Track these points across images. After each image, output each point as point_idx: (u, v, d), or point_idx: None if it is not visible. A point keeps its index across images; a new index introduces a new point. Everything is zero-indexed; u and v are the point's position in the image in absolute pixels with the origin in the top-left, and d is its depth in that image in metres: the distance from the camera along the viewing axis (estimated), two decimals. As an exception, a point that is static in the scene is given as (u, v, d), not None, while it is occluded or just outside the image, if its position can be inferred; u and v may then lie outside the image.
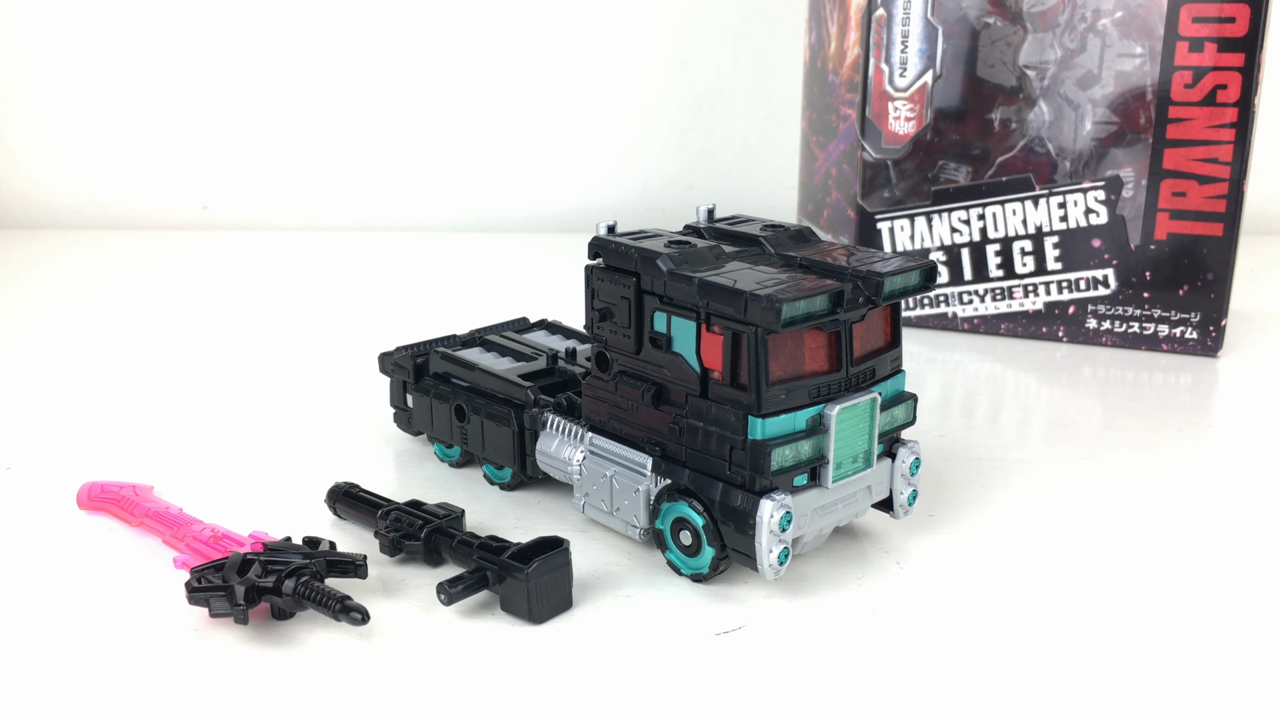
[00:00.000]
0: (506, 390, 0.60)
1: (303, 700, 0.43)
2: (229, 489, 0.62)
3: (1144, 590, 0.52)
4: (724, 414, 0.49)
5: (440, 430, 0.63)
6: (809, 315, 0.47)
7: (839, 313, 0.48)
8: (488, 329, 0.69)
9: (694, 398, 0.50)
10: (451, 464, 0.64)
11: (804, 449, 0.49)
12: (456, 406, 0.61)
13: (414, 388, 0.64)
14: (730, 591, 0.51)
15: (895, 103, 0.88)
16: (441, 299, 1.04)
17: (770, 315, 0.45)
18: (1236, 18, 0.79)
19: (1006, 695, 0.44)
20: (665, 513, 0.52)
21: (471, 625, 0.48)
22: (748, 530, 0.48)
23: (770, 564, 0.48)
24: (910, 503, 0.55)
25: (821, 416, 0.49)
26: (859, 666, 0.46)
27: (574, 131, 1.37)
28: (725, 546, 0.50)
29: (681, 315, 0.49)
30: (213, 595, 0.47)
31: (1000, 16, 0.84)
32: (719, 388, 0.49)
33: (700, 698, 0.44)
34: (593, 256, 0.53)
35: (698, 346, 0.49)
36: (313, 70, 1.34)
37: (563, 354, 0.64)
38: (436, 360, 0.64)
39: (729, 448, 0.49)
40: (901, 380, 0.54)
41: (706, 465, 0.50)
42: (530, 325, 0.71)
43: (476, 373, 0.61)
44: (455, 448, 0.64)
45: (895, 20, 0.85)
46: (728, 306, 0.47)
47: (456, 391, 0.62)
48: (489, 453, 0.60)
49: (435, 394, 0.63)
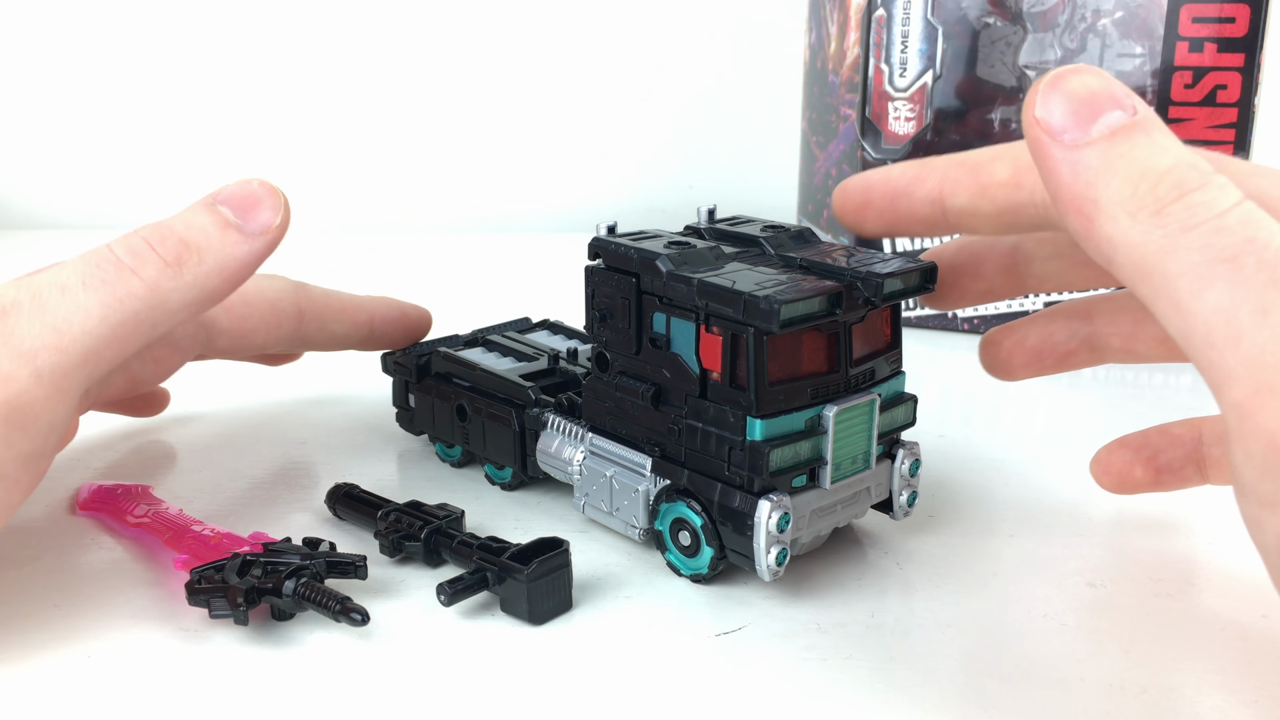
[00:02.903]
0: (508, 390, 0.60)
1: (303, 700, 0.43)
2: (229, 489, 0.62)
3: (1144, 590, 0.52)
4: (722, 414, 0.48)
5: (442, 430, 0.63)
6: (808, 316, 0.47)
7: (838, 314, 0.48)
8: (490, 329, 0.69)
9: (693, 398, 0.50)
10: (453, 464, 0.64)
11: (802, 450, 0.48)
12: (458, 406, 0.61)
13: (416, 387, 0.64)
14: (730, 592, 0.51)
15: (895, 103, 0.87)
16: (446, 299, 1.04)
17: (768, 316, 0.45)
18: (1236, 18, 0.79)
19: (1007, 695, 0.44)
20: (664, 513, 0.52)
21: (471, 626, 0.48)
22: (746, 531, 0.48)
23: (768, 565, 0.48)
24: (910, 504, 0.55)
25: (820, 417, 0.49)
26: (859, 667, 0.46)
27: (574, 132, 1.36)
28: (724, 547, 0.50)
29: (681, 316, 0.49)
30: (213, 596, 0.47)
31: (1000, 16, 0.84)
32: (718, 388, 0.49)
33: (700, 698, 0.44)
34: (593, 257, 0.53)
35: (697, 347, 0.49)
36: (325, 75, 1.34)
37: (564, 354, 0.64)
38: (438, 360, 0.64)
39: (727, 448, 0.48)
40: (901, 381, 0.54)
41: (705, 466, 0.50)
42: (532, 325, 0.71)
43: (478, 373, 0.61)
44: (456, 447, 0.64)
45: (895, 20, 0.85)
46: (726, 307, 0.47)
47: (458, 391, 0.62)
48: (490, 452, 0.60)
49: (437, 394, 0.63)
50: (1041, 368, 0.53)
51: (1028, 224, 0.45)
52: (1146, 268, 0.35)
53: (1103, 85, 0.37)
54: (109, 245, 0.48)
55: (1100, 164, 0.36)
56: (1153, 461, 0.53)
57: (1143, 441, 0.54)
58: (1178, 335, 0.36)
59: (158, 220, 0.49)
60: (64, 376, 0.45)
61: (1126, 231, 0.36)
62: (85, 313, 0.45)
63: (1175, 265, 0.35)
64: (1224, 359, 0.34)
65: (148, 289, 0.47)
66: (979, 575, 0.53)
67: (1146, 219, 0.35)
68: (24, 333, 0.44)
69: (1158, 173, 0.36)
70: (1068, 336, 0.52)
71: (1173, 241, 0.35)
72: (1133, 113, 0.37)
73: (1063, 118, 0.37)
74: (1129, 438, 0.54)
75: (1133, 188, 0.36)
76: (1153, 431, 0.54)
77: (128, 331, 0.47)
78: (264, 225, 0.50)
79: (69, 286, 0.46)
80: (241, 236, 0.49)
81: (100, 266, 0.47)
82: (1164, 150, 0.36)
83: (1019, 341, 0.53)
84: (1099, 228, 0.36)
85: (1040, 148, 0.38)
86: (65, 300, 0.45)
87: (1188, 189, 0.35)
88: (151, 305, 0.47)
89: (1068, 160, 0.37)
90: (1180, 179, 0.35)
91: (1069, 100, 0.37)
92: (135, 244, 0.48)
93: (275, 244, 0.50)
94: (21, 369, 0.44)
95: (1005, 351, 0.54)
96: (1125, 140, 0.37)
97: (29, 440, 0.45)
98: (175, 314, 0.48)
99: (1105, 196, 0.36)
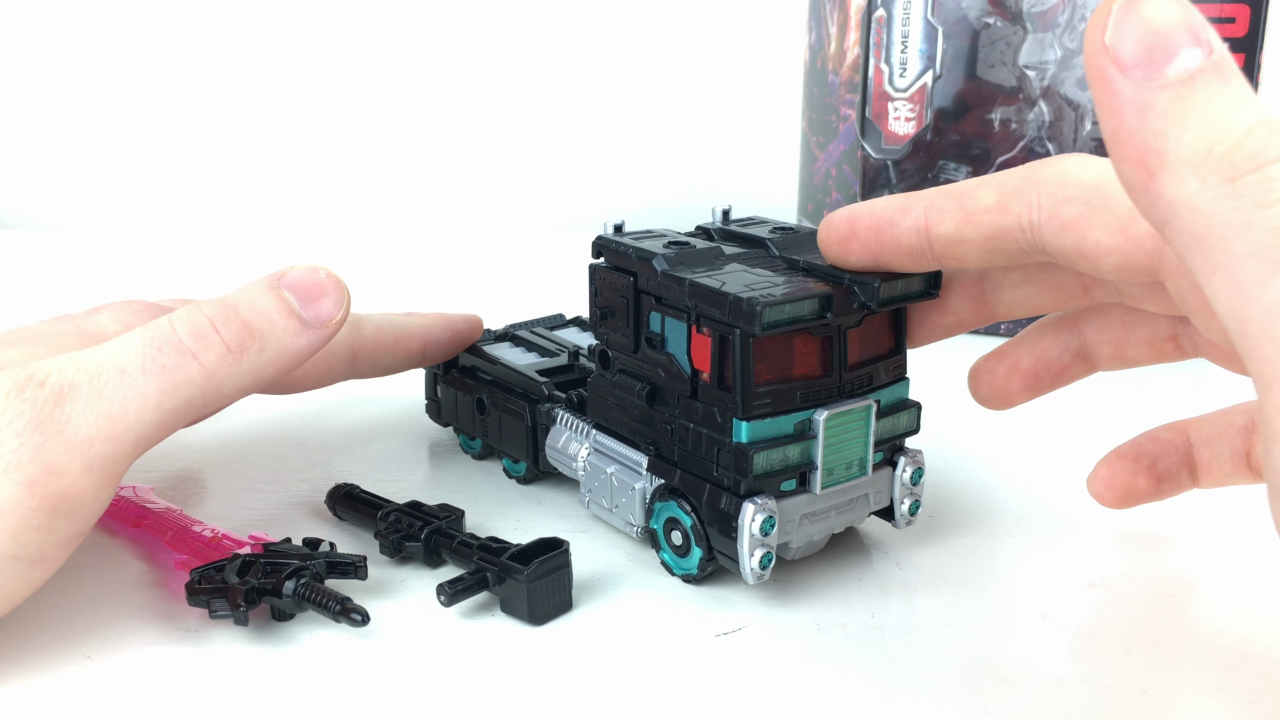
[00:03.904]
0: (524, 385, 0.61)
1: (303, 700, 0.43)
2: (229, 490, 0.62)
3: (1144, 590, 0.52)
4: (710, 415, 0.48)
5: (464, 422, 0.64)
6: (795, 319, 0.46)
7: (828, 317, 0.47)
8: (522, 324, 0.70)
9: (685, 398, 0.49)
10: (474, 455, 0.65)
11: (791, 454, 0.48)
12: (478, 399, 0.62)
13: (443, 380, 0.66)
14: (730, 593, 0.51)
15: (895, 103, 0.87)
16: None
17: (751, 318, 0.45)
18: (1236, 18, 0.79)
19: (1007, 695, 0.44)
20: (658, 512, 0.52)
21: (471, 625, 0.48)
22: (730, 533, 0.48)
23: (751, 568, 0.48)
24: (912, 513, 0.54)
25: (810, 421, 0.48)
26: (859, 667, 0.46)
27: (574, 132, 1.36)
28: (712, 548, 0.50)
29: (674, 316, 0.49)
30: (213, 596, 0.47)
31: (1000, 16, 0.84)
32: (707, 389, 0.49)
33: (700, 699, 0.44)
34: (595, 255, 0.53)
35: (688, 347, 0.49)
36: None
37: (585, 350, 0.64)
38: (464, 354, 0.65)
39: (716, 449, 0.48)
40: (904, 387, 0.53)
41: (696, 466, 0.50)
42: (564, 322, 0.72)
43: (498, 367, 0.62)
44: (477, 440, 0.65)
45: (895, 20, 0.85)
46: (714, 308, 0.47)
47: (480, 385, 0.63)
48: (506, 445, 0.61)
49: (461, 387, 0.64)
50: (1039, 388, 0.52)
51: (1014, 250, 0.44)
52: (1210, 239, 0.32)
53: (1181, 16, 0.33)
54: (172, 323, 0.47)
55: (1173, 111, 0.32)
56: (1153, 469, 0.52)
57: (1138, 451, 0.53)
58: (1229, 317, 0.32)
59: (222, 297, 0.48)
60: (114, 465, 0.44)
61: (1194, 196, 0.32)
62: (141, 400, 0.45)
63: (1243, 245, 0.31)
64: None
65: (205, 376, 0.46)
66: (979, 576, 0.53)
67: (1218, 185, 0.32)
68: (80, 421, 0.43)
69: (1238, 134, 0.32)
70: (1060, 350, 0.51)
71: (1245, 217, 0.31)
72: (1209, 51, 0.32)
73: (1135, 50, 0.33)
74: (1123, 448, 0.53)
75: (1207, 147, 0.32)
76: (1143, 439, 0.53)
77: (179, 416, 0.46)
78: (326, 317, 0.49)
79: (129, 371, 0.45)
80: (302, 327, 0.49)
81: (162, 350, 0.46)
82: (1243, 105, 0.32)
83: (1013, 365, 0.52)
84: (1161, 184, 0.33)
85: (1105, 82, 0.33)
86: (124, 386, 0.44)
87: (1267, 159, 0.31)
88: (205, 392, 0.46)
89: (1136, 101, 0.33)
90: (1261, 146, 0.31)
91: (1146, 30, 0.33)
92: (200, 325, 0.47)
93: (332, 336, 0.50)
94: (74, 461, 0.43)
95: (1001, 379, 0.52)
96: (1205, 88, 0.32)
97: (72, 526, 0.44)
98: (225, 399, 0.48)
99: (1174, 151, 0.32)
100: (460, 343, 0.65)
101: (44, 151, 1.37)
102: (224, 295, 0.49)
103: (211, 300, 0.48)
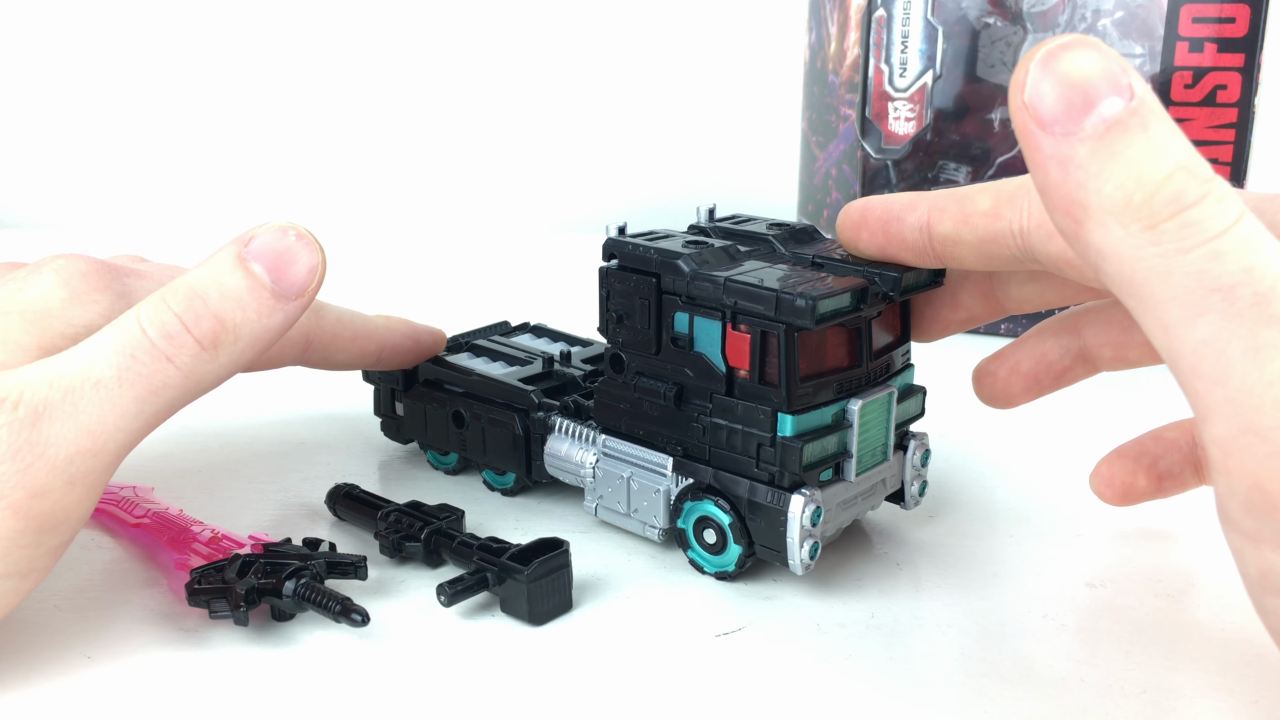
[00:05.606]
0: (507, 395, 0.59)
1: (303, 700, 0.43)
2: (229, 489, 0.62)
3: (1144, 590, 0.52)
4: (751, 412, 0.49)
5: (435, 438, 0.62)
6: (838, 312, 0.47)
7: (863, 309, 0.48)
8: (471, 334, 0.68)
9: (719, 396, 0.50)
10: (447, 471, 0.64)
11: (830, 444, 0.49)
12: (454, 413, 0.61)
13: (405, 395, 0.63)
14: (730, 593, 0.51)
15: (895, 103, 0.87)
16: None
17: (803, 313, 0.46)
18: (1236, 18, 0.79)
19: (1007, 695, 0.44)
20: (688, 512, 0.52)
21: (471, 626, 0.48)
22: (779, 526, 0.48)
23: (801, 559, 0.49)
24: (921, 493, 0.56)
25: (845, 411, 0.50)
26: (859, 667, 0.46)
27: (573, 132, 1.36)
28: (753, 543, 0.50)
29: (706, 315, 0.50)
30: (213, 597, 0.47)
31: (1000, 16, 0.84)
32: (746, 386, 0.49)
33: (700, 699, 0.44)
34: (607, 258, 0.53)
35: (723, 346, 0.49)
36: (330, 78, 1.34)
37: (557, 357, 0.63)
38: (426, 367, 0.63)
39: (756, 445, 0.49)
40: (911, 374, 0.55)
41: (732, 463, 0.50)
42: (513, 328, 0.70)
43: (474, 378, 0.61)
44: (451, 455, 0.63)
45: (895, 20, 0.85)
46: (757, 305, 0.47)
47: (453, 397, 0.61)
48: (490, 458, 0.60)
49: (429, 400, 0.62)
50: (1040, 389, 0.53)
51: (1008, 255, 0.45)
52: (1136, 283, 0.34)
53: (1100, 66, 0.34)
54: (140, 324, 0.44)
55: (1092, 163, 0.33)
56: (1154, 469, 0.53)
57: (1140, 450, 0.53)
58: (1164, 354, 0.34)
59: (188, 282, 0.45)
60: (97, 476, 0.44)
61: (1118, 243, 0.33)
62: (119, 411, 0.43)
63: (1166, 289, 0.33)
64: (1210, 393, 0.33)
65: (183, 377, 0.45)
66: (979, 575, 0.53)
67: (1139, 233, 0.33)
68: (59, 441, 0.42)
69: (1154, 182, 0.33)
70: (1061, 354, 0.52)
71: (1166, 263, 0.33)
72: (1130, 97, 0.33)
73: (1054, 106, 0.34)
74: (1125, 447, 0.54)
75: (1126, 196, 0.33)
76: (1147, 438, 0.53)
77: (161, 418, 0.45)
78: (300, 286, 0.46)
79: (104, 382, 0.43)
80: (276, 302, 0.46)
81: (136, 357, 0.44)
82: (1162, 151, 0.33)
83: (1014, 367, 0.53)
84: (1088, 233, 0.34)
85: (1028, 138, 0.34)
86: (100, 398, 0.43)
87: (1184, 204, 0.33)
88: (185, 391, 0.45)
89: (1057, 156, 0.34)
90: (1177, 192, 0.33)
91: (1064, 86, 0.34)
92: (169, 324, 0.44)
93: (309, 304, 0.47)
94: (56, 480, 0.42)
95: (1002, 380, 0.53)
96: (1121, 137, 0.33)
97: (59, 537, 0.44)
98: (205, 390, 0.46)
99: (1096, 202, 0.34)
100: (420, 354, 0.63)
101: (44, 151, 1.37)
102: (189, 279, 0.46)
103: (177, 288, 0.45)
